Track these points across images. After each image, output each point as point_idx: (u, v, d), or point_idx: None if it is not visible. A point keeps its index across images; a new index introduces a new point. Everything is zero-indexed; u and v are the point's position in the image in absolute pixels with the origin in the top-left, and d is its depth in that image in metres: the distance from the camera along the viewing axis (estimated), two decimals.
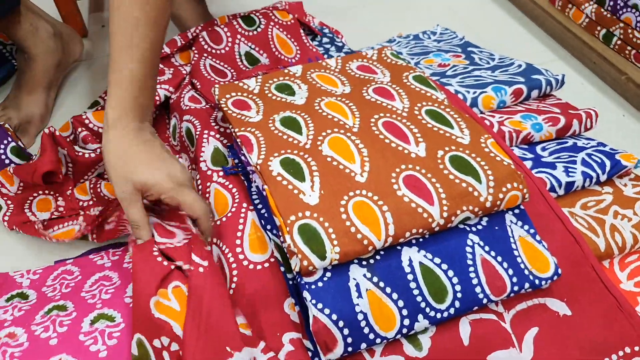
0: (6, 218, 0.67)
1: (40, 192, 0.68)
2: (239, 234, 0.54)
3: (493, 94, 0.69)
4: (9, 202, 0.67)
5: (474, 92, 0.69)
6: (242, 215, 0.56)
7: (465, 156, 0.55)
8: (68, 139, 0.73)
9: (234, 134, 0.59)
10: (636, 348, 0.52)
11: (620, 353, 0.52)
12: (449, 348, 0.50)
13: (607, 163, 0.64)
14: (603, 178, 0.63)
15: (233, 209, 0.56)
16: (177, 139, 0.70)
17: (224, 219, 0.56)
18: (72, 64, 0.88)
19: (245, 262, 0.53)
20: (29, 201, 0.68)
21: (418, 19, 1.03)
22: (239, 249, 0.53)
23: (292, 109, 0.60)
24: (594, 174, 0.62)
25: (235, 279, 0.52)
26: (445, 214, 0.51)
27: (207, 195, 0.58)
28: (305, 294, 0.47)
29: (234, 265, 0.53)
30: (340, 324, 0.47)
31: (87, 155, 0.67)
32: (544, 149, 0.68)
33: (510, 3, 1.11)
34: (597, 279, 0.56)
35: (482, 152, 0.55)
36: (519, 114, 0.70)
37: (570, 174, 0.63)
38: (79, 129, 0.70)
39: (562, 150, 0.67)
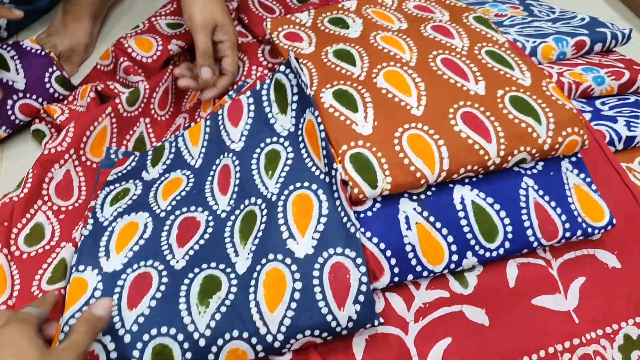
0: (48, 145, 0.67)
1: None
2: None
3: (554, 44, 0.66)
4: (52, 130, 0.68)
5: (534, 42, 0.66)
6: None
7: (525, 97, 0.53)
8: (107, 69, 0.73)
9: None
10: None
11: None
12: (495, 288, 0.49)
13: None
14: None
15: None
16: None
17: None
18: None
19: None
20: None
21: None
22: None
23: (346, 42, 0.59)
24: None
25: None
26: (502, 153, 0.49)
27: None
28: (354, 219, 0.47)
29: None
30: (388, 253, 0.47)
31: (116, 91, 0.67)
32: (603, 104, 0.65)
33: None
34: None
35: (544, 94, 0.53)
36: (580, 67, 0.67)
37: (632, 128, 0.60)
38: (121, 59, 0.70)
39: (623, 106, 0.64)
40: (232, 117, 0.57)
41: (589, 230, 0.50)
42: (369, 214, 0.48)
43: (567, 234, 0.50)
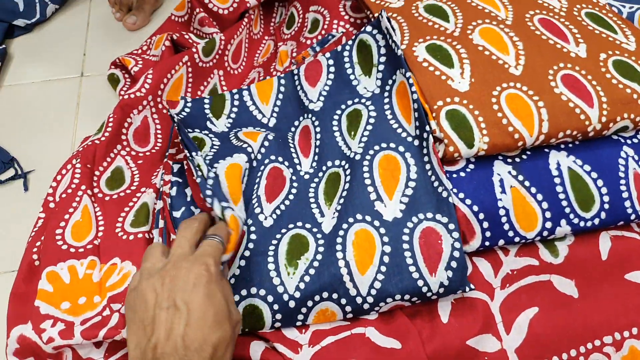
0: (122, 92, 0.67)
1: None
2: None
3: None
4: (127, 78, 0.68)
5: (631, 7, 0.62)
6: None
7: (630, 62, 0.49)
8: (181, 20, 0.73)
9: (372, 18, 0.56)
10: None
11: None
12: (586, 259, 0.47)
13: None
14: None
15: None
16: (292, 28, 0.68)
17: None
18: None
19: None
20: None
21: None
22: None
23: None
24: None
25: None
26: (603, 119, 0.46)
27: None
28: (447, 182, 0.46)
29: None
30: (481, 216, 0.45)
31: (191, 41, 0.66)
32: None
33: None
34: None
35: None
36: None
37: None
38: (197, 10, 0.69)
39: None
40: (310, 78, 0.56)
41: None
42: (462, 174, 0.46)
43: None
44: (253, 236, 0.46)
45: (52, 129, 0.66)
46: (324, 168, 0.50)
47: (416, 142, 0.47)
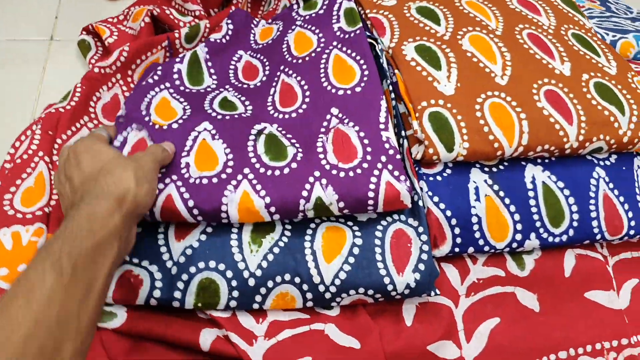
0: (92, 61, 0.64)
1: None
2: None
3: (634, 41, 0.63)
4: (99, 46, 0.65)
5: (613, 36, 0.64)
6: None
7: (610, 85, 0.50)
8: None
9: (364, 15, 0.55)
10: None
11: None
12: (551, 275, 0.48)
13: None
14: None
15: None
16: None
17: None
18: None
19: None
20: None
21: None
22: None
23: (430, 1, 0.56)
24: None
25: None
26: (581, 137, 0.47)
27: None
28: (423, 184, 0.45)
29: None
30: (453, 222, 0.44)
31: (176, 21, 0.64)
32: None
33: None
34: None
35: (629, 86, 0.51)
36: None
37: None
38: None
39: None
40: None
41: None
42: (439, 178, 0.45)
43: (632, 232, 0.48)
44: None
45: (15, 93, 0.61)
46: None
47: None
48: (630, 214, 0.48)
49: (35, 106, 0.61)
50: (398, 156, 0.43)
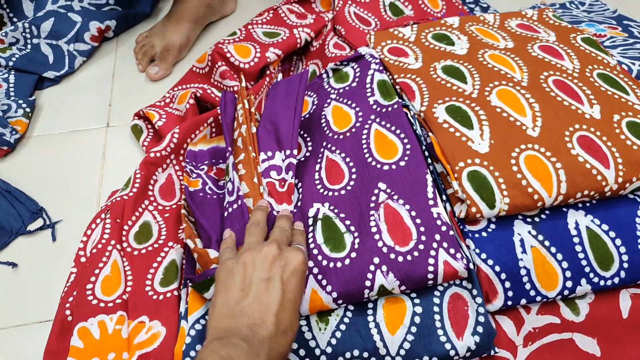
0: (145, 143, 0.70)
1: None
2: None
3: None
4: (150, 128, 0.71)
5: None
6: None
7: None
8: (202, 71, 0.75)
9: (392, 80, 0.58)
10: None
11: None
12: (607, 317, 0.48)
13: None
14: None
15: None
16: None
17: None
18: (222, 13, 0.89)
19: None
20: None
21: None
22: None
23: (454, 59, 0.58)
24: None
25: None
26: (620, 179, 0.48)
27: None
28: (469, 242, 0.47)
29: None
30: (503, 276, 0.46)
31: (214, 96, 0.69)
32: None
33: None
34: None
35: None
36: None
37: None
38: (219, 63, 0.72)
39: None
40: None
41: None
42: (484, 234, 0.47)
43: None
44: None
45: (79, 179, 0.68)
46: None
47: None
48: None
49: (99, 190, 0.67)
50: (451, 232, 0.45)
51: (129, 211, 0.56)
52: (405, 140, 0.51)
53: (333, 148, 0.53)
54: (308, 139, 0.56)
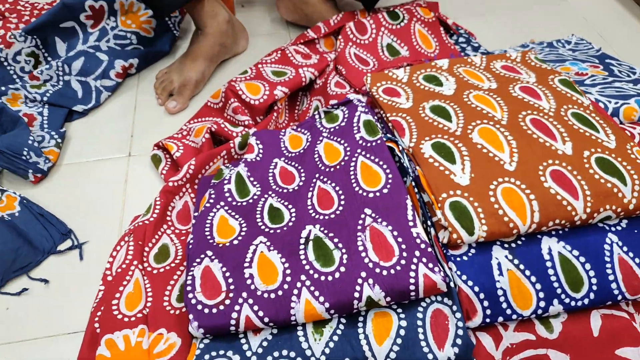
0: (164, 172, 0.77)
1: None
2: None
3: (636, 106, 0.70)
4: (167, 157, 0.78)
5: (616, 103, 0.70)
6: None
7: (611, 159, 0.57)
8: (216, 106, 0.83)
9: (385, 118, 0.65)
10: None
11: None
12: (579, 336, 0.53)
13: None
14: None
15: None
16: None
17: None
18: (235, 51, 0.98)
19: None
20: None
21: (550, 28, 1.04)
22: None
23: (442, 99, 0.65)
24: None
25: None
26: (588, 210, 0.53)
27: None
28: (452, 265, 0.52)
29: None
30: (482, 296, 0.51)
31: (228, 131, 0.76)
32: None
33: None
34: None
35: (629, 157, 0.57)
36: None
37: None
38: (231, 99, 0.79)
39: None
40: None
41: None
42: (465, 258, 0.53)
43: None
44: None
45: (103, 204, 0.75)
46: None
47: None
48: None
49: (122, 214, 0.74)
50: (429, 249, 0.51)
51: (149, 234, 0.63)
52: (388, 171, 0.57)
53: (324, 179, 0.60)
54: (302, 171, 0.63)
